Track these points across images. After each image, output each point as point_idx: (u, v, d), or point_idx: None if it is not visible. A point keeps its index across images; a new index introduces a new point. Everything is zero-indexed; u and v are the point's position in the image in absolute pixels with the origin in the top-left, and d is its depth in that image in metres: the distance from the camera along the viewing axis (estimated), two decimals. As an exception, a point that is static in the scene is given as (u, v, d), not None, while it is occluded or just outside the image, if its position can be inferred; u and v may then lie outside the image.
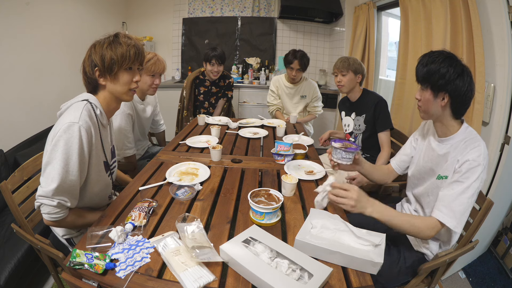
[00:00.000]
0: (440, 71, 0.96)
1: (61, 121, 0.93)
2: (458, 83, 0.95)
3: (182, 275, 0.73)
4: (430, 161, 1.12)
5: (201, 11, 3.89)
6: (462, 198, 0.94)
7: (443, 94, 0.99)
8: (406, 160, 1.27)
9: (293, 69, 2.37)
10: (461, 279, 1.72)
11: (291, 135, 1.90)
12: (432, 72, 0.98)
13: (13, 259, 1.36)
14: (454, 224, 0.93)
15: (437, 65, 0.97)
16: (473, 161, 0.93)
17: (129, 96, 1.08)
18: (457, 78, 0.95)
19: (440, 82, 0.97)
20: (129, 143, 1.68)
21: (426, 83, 1.01)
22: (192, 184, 1.18)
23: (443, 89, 0.98)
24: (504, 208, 1.72)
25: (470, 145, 0.97)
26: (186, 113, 2.57)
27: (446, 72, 0.95)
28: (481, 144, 0.97)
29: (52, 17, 2.48)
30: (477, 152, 0.94)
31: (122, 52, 0.98)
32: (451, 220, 0.93)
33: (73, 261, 0.75)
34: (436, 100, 1.00)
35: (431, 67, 0.98)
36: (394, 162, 1.31)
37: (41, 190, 0.91)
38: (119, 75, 1.02)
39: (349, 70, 1.75)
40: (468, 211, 0.95)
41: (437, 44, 1.76)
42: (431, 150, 1.12)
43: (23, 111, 2.20)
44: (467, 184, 0.93)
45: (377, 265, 0.78)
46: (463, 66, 0.97)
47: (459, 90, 0.96)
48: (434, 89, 0.99)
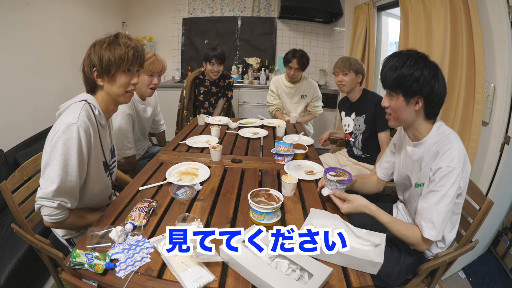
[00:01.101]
0: (414, 75, 0.89)
1: (60, 122, 0.93)
2: (433, 84, 0.89)
3: (182, 275, 0.73)
4: (406, 168, 1.10)
5: (201, 11, 3.89)
6: (440, 208, 0.90)
7: (417, 98, 0.92)
8: (389, 167, 1.25)
9: (291, 68, 2.37)
10: (461, 279, 1.72)
11: (291, 135, 1.90)
12: (404, 76, 0.90)
13: (13, 259, 1.36)
14: (435, 235, 0.91)
15: (409, 69, 0.89)
16: (445, 167, 0.89)
17: (126, 98, 1.07)
18: (432, 79, 0.89)
19: (414, 86, 0.90)
20: (129, 143, 1.68)
21: (398, 89, 0.94)
22: (192, 184, 1.18)
23: (417, 93, 0.91)
24: (504, 208, 1.72)
25: (442, 150, 0.92)
26: (186, 113, 2.57)
27: (421, 75, 0.89)
28: (453, 145, 0.91)
29: (52, 17, 2.48)
30: (449, 156, 0.89)
31: (120, 53, 0.97)
32: (431, 232, 0.91)
33: (73, 261, 0.75)
34: (409, 105, 0.94)
35: (402, 71, 0.90)
36: (379, 171, 1.30)
37: (41, 192, 0.91)
38: (117, 77, 1.01)
39: (351, 70, 1.76)
40: (448, 216, 0.92)
41: (437, 44, 1.76)
42: (407, 156, 1.09)
43: (23, 111, 2.20)
44: (443, 192, 0.90)
45: (377, 265, 0.78)
46: (435, 65, 0.92)
47: (435, 92, 0.90)
48: (407, 95, 0.93)
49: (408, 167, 1.09)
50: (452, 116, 1.65)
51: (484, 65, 1.45)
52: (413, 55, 0.92)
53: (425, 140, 1.00)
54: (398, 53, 0.95)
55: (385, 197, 1.50)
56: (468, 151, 1.52)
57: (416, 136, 1.03)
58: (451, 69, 1.64)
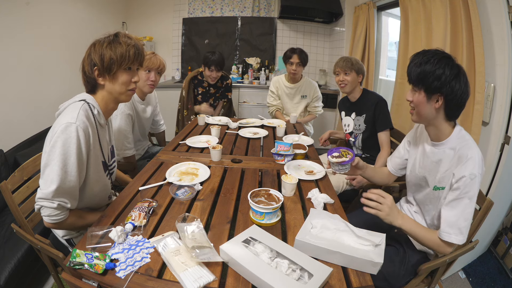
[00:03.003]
0: (436, 73, 0.91)
1: (59, 122, 0.93)
2: (454, 85, 0.91)
3: (182, 275, 0.73)
4: (424, 169, 1.10)
5: (201, 11, 3.89)
6: (466, 214, 0.93)
7: (438, 96, 0.94)
8: (401, 163, 1.25)
9: (293, 64, 2.36)
10: (461, 279, 1.72)
11: (291, 135, 1.90)
12: (426, 73, 0.93)
13: (13, 259, 1.36)
14: (462, 239, 0.94)
15: (432, 66, 0.92)
16: (470, 175, 0.91)
17: (127, 97, 1.08)
18: (453, 79, 0.91)
19: (435, 84, 0.92)
20: (129, 144, 1.68)
21: (420, 85, 0.96)
22: (192, 184, 1.18)
23: (438, 91, 0.93)
24: (504, 208, 1.72)
25: (464, 156, 0.94)
26: (186, 113, 2.57)
27: (442, 74, 0.91)
28: (474, 152, 0.93)
29: (52, 17, 2.48)
30: (471, 164, 0.92)
31: (121, 52, 0.98)
32: (459, 238, 0.94)
33: (73, 261, 0.75)
34: (430, 102, 0.96)
35: (425, 67, 0.93)
36: (390, 165, 1.30)
37: (41, 192, 0.91)
38: (118, 75, 1.01)
39: (353, 70, 1.76)
40: (471, 219, 0.95)
41: (437, 44, 1.76)
42: (426, 157, 1.10)
43: (23, 111, 2.20)
44: (468, 199, 0.92)
45: (377, 265, 0.78)
46: (459, 67, 0.93)
47: (455, 92, 0.92)
48: (428, 91, 0.95)
49: (426, 167, 1.09)
50: (452, 116, 1.65)
51: (484, 65, 1.45)
52: (438, 54, 0.94)
53: (446, 141, 1.01)
54: (426, 51, 0.97)
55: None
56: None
57: (437, 135, 1.04)
58: (451, 69, 1.64)
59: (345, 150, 1.14)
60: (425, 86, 0.95)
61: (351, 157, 1.11)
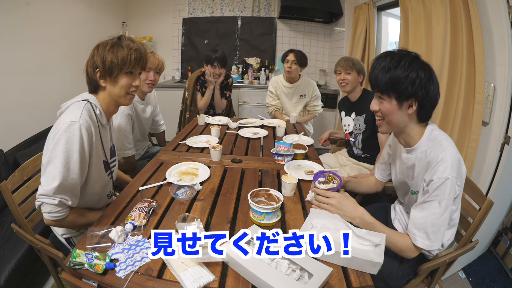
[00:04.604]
0: (409, 77, 0.83)
1: (62, 120, 0.94)
2: (429, 87, 0.84)
3: (182, 275, 0.73)
4: (402, 174, 1.09)
5: (201, 11, 3.89)
6: (434, 220, 0.87)
7: (411, 101, 0.87)
8: (386, 169, 1.24)
9: (288, 61, 2.37)
10: (461, 279, 1.72)
11: (291, 135, 1.91)
12: (399, 78, 0.84)
13: (13, 259, 1.36)
14: (428, 244, 0.89)
15: (404, 70, 0.83)
16: (438, 179, 0.85)
17: (127, 100, 1.08)
18: (427, 81, 0.84)
19: (409, 89, 0.84)
20: (129, 144, 1.68)
21: (390, 92, 0.87)
22: (192, 184, 1.18)
23: (411, 96, 0.86)
24: (504, 208, 1.72)
25: (433, 160, 0.88)
26: (188, 115, 2.56)
27: (416, 77, 0.83)
28: (445, 154, 0.86)
29: (52, 17, 2.48)
30: (441, 167, 0.85)
31: (123, 56, 0.99)
32: (425, 242, 0.89)
33: (73, 261, 0.75)
34: (402, 109, 0.88)
35: (396, 73, 0.84)
36: (377, 172, 1.29)
37: (42, 189, 0.91)
38: (119, 78, 1.02)
39: (354, 70, 1.77)
40: (444, 226, 0.90)
41: (437, 44, 1.76)
42: (402, 162, 1.06)
43: (23, 111, 2.20)
44: (437, 203, 0.87)
45: (377, 265, 0.78)
46: (428, 66, 0.87)
47: (430, 94, 0.85)
48: (400, 98, 0.87)
49: (404, 173, 1.07)
50: (452, 116, 1.65)
51: (484, 65, 1.45)
52: (406, 55, 0.86)
53: (417, 146, 0.96)
54: (389, 53, 0.88)
55: (385, 197, 1.50)
56: (468, 151, 1.53)
57: (407, 142, 0.98)
58: (451, 69, 1.64)
59: (330, 175, 1.10)
60: (397, 93, 0.86)
61: (339, 183, 1.06)
